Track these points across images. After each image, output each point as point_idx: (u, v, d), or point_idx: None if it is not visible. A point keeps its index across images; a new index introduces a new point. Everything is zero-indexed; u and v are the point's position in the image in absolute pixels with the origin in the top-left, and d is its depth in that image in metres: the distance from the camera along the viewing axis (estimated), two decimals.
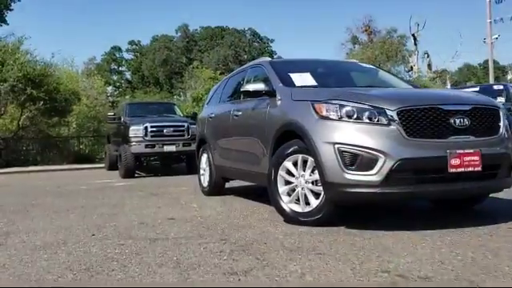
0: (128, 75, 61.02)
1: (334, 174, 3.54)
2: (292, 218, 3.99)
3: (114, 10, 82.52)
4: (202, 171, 6.72)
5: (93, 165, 16.54)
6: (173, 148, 11.54)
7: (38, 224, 4.62)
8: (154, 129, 11.51)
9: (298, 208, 3.98)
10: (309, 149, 3.77)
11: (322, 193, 3.77)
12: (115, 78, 60.13)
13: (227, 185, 6.52)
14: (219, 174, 6.11)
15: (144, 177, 11.67)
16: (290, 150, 4.01)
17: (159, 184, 9.03)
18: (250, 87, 4.64)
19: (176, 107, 14.50)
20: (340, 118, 3.60)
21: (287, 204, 4.04)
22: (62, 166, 16.47)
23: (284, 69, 4.88)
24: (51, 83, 16.36)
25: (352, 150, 3.48)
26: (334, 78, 5.10)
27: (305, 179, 3.92)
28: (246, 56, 54.47)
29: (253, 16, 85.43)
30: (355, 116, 3.55)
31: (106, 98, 29.55)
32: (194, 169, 11.99)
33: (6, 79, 15.09)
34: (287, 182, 4.08)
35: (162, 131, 11.55)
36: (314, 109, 3.77)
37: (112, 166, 13.37)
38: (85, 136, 20.62)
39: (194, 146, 12.01)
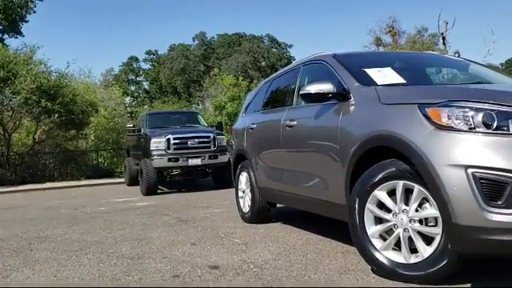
0: (146, 85, 60.49)
1: (467, 212, 2.35)
2: (389, 272, 2.81)
3: (130, 22, 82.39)
4: (240, 193, 5.57)
5: (112, 179, 15.54)
6: (198, 161, 10.50)
7: (39, 277, 3.51)
8: (178, 141, 10.49)
9: (398, 257, 2.80)
10: (419, 173, 2.59)
11: (438, 237, 2.60)
12: (133, 88, 59.64)
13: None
14: (265, 197, 4.97)
15: (167, 193, 10.61)
16: (384, 173, 2.84)
17: (186, 204, 7.93)
18: (312, 89, 3.48)
19: (200, 116, 13.42)
20: (473, 129, 2.41)
21: (381, 252, 2.86)
22: (80, 181, 15.51)
23: (356, 64, 3.72)
24: (67, 94, 15.41)
25: (498, 177, 2.29)
26: (419, 74, 3.90)
27: (408, 216, 2.74)
28: (264, 62, 53.49)
29: (269, 22, 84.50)
30: (497, 125, 2.37)
31: (124, 108, 28.76)
32: (221, 183, 11.00)
33: (19, 91, 14.16)
34: (379, 220, 2.91)
35: (186, 143, 10.52)
36: (426, 115, 2.59)
37: (132, 181, 12.43)
38: (104, 149, 19.70)
39: (221, 159, 11.13)
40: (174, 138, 10.46)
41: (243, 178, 5.45)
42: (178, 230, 5.24)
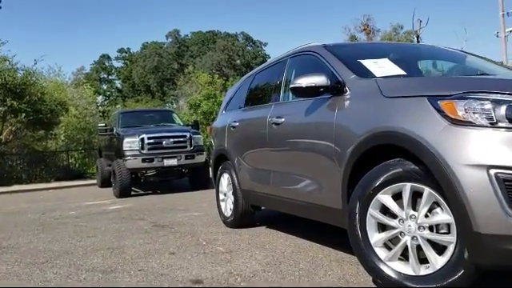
0: (118, 84, 59.28)
1: (490, 220, 2.06)
2: (396, 285, 2.50)
3: (101, 19, 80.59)
4: (222, 196, 5.21)
5: (84, 181, 14.94)
6: (174, 162, 10.07)
7: None
8: (152, 140, 10.05)
9: (406, 269, 2.49)
10: (430, 174, 2.29)
11: (452, 246, 2.30)
12: (105, 87, 58.36)
13: None
14: (248, 201, 4.63)
15: (141, 195, 10.17)
16: (388, 175, 2.52)
17: (162, 207, 7.52)
18: (303, 82, 3.15)
19: (175, 115, 12.97)
20: (495, 124, 2.12)
21: (386, 262, 2.55)
22: (50, 183, 14.86)
23: (349, 55, 3.41)
24: (34, 93, 14.71)
25: None
26: (417, 66, 3.61)
27: (417, 223, 2.44)
28: (239, 61, 53.05)
29: (244, 20, 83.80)
30: None
31: (96, 107, 27.98)
32: (198, 184, 10.60)
33: None
34: (383, 227, 2.60)
35: (161, 143, 10.09)
36: (439, 109, 2.29)
37: (105, 183, 11.94)
38: (75, 149, 19.01)
39: (198, 159, 10.72)
40: (149, 138, 10.01)
41: (224, 179, 5.10)
42: (154, 236, 4.85)
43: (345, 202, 2.89)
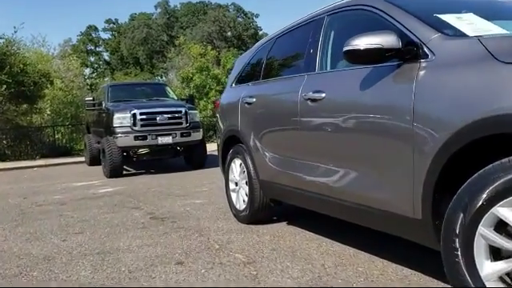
0: (106, 56, 57.60)
1: None
2: None
3: None
4: (232, 185, 4.38)
5: (71, 158, 14.01)
6: (169, 139, 9.22)
7: None
8: (145, 116, 9.18)
9: None
10: None
11: None
12: (92, 59, 56.65)
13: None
14: (269, 194, 3.80)
15: (134, 174, 9.36)
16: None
17: (159, 191, 6.72)
18: (361, 43, 2.30)
19: (168, 88, 12.01)
20: None
21: None
22: (35, 161, 13.90)
23: (420, 8, 2.54)
24: (16, 64, 13.64)
25: None
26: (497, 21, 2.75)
27: None
28: (230, 33, 51.64)
29: None
30: None
31: (83, 80, 26.80)
32: (194, 163, 9.75)
33: None
34: (500, 254, 1.80)
35: (155, 119, 9.21)
36: None
37: (94, 161, 11.13)
38: (61, 124, 17.98)
39: (194, 136, 9.83)
40: (141, 114, 9.13)
41: (236, 166, 4.26)
42: (153, 234, 4.04)
43: (427, 209, 2.09)
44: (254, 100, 3.89)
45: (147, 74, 46.32)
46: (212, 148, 11.82)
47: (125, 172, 9.36)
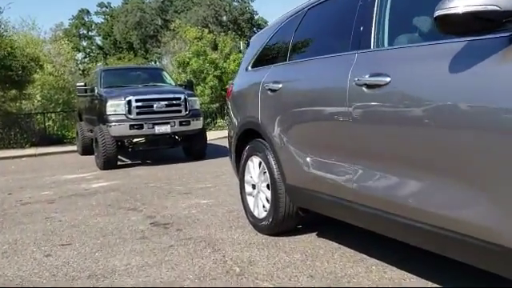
0: (99, 40, 56.29)
1: None
2: None
3: None
4: (248, 188, 3.68)
5: (63, 147, 13.25)
6: (167, 128, 8.52)
7: None
8: (141, 103, 8.48)
9: None
10: None
11: None
12: (85, 43, 55.36)
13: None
14: (298, 202, 3.12)
15: (129, 166, 8.70)
16: None
17: (158, 187, 6.05)
18: (461, 4, 1.61)
19: (165, 73, 11.23)
20: None
21: None
22: (24, 150, 13.14)
23: None
24: (2, 47, 12.83)
25: None
26: None
27: None
28: (225, 17, 50.53)
29: None
30: None
31: (75, 65, 25.90)
32: (194, 154, 9.05)
33: None
34: None
35: (152, 106, 8.52)
36: None
37: (86, 150, 10.50)
38: (52, 111, 17.18)
39: (194, 125, 9.06)
40: (137, 100, 8.42)
41: (254, 166, 3.56)
42: (156, 248, 3.35)
43: None
44: (280, 86, 3.17)
45: (141, 59, 45.28)
46: (211, 137, 11.18)
47: (119, 163, 8.69)
